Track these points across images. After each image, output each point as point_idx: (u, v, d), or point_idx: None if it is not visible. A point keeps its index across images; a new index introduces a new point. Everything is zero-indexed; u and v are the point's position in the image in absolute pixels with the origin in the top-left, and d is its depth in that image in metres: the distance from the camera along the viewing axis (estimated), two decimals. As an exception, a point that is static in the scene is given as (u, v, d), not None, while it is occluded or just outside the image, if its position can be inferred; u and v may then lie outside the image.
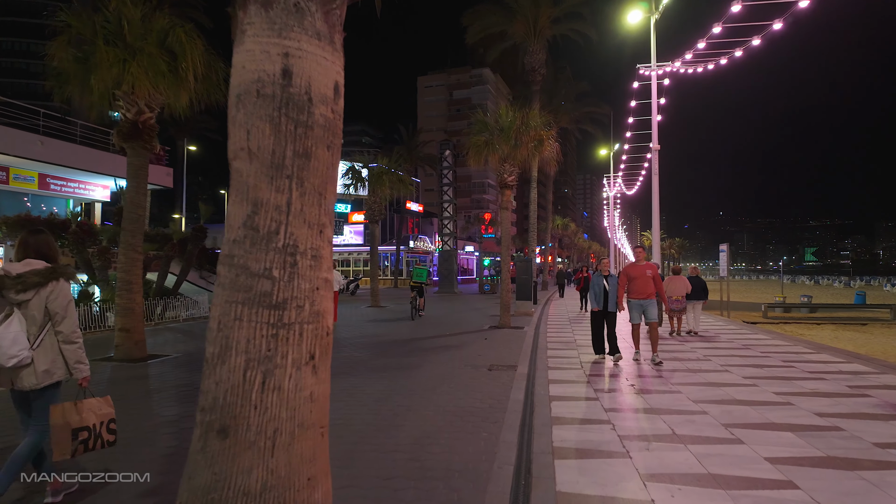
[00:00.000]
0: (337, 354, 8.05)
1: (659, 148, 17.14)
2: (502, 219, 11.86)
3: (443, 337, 10.18)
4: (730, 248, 18.24)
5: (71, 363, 2.84)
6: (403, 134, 38.02)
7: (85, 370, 2.89)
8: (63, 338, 2.81)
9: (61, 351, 2.82)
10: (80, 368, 2.87)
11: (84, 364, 2.89)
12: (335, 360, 7.37)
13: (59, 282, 2.80)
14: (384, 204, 17.99)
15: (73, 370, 2.85)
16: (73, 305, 2.88)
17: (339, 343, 9.32)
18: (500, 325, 11.66)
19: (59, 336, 2.81)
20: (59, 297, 2.79)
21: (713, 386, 5.90)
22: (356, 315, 14.88)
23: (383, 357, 7.88)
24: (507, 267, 12.02)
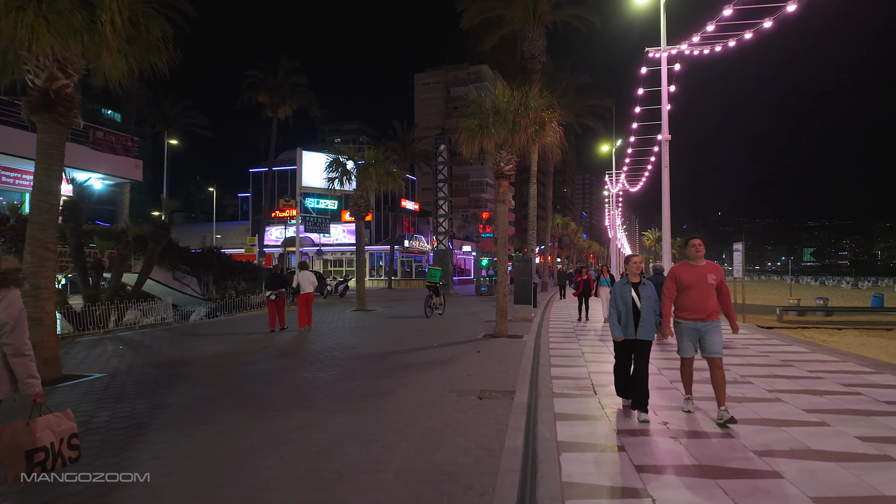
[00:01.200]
0: (295, 375, 6.64)
1: (669, 138, 15.79)
2: (499, 212, 10.47)
3: (429, 349, 8.77)
4: (745, 247, 16.88)
5: (21, 378, 2.74)
6: (397, 129, 36.61)
7: (37, 385, 2.79)
8: (12, 350, 2.70)
9: (8, 365, 2.72)
10: (32, 384, 2.76)
11: (35, 378, 2.78)
12: (288, 386, 5.97)
13: (10, 290, 2.73)
14: (371, 199, 16.58)
15: (24, 386, 2.75)
16: (24, 315, 2.78)
17: (303, 359, 7.91)
18: (495, 334, 10.27)
19: (6, 349, 2.69)
20: (11, 307, 2.70)
21: (772, 426, 4.50)
22: (337, 320, 13.47)
23: (351, 378, 6.48)
24: (504, 267, 10.63)
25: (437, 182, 26.52)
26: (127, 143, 16.02)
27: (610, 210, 40.01)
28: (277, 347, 9.04)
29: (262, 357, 8.02)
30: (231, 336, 10.70)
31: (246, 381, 6.27)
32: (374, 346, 9.04)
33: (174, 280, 17.92)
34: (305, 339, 10.16)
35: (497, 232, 10.70)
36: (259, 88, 38.92)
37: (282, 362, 7.59)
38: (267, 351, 8.64)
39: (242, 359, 7.87)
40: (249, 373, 6.81)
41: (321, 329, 11.63)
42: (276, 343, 9.61)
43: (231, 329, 12.30)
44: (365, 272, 16.64)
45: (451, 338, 10.13)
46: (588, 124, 30.40)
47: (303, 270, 12.55)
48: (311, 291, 12.49)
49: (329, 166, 16.29)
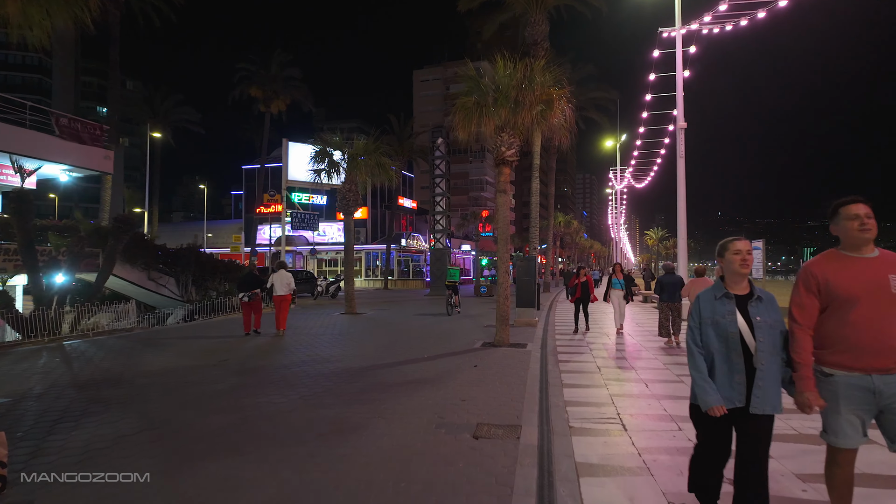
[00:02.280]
0: (247, 401, 5.35)
1: (685, 126, 14.51)
2: (499, 204, 9.17)
3: (417, 362, 7.48)
4: (766, 244, 15.60)
5: None
6: (394, 123, 35.28)
7: None
8: None
9: None
10: None
11: None
12: (233, 417, 4.67)
13: None
14: (361, 193, 15.28)
15: None
16: None
17: (264, 376, 6.61)
18: (495, 343, 8.97)
19: None
20: None
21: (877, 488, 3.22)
22: (320, 325, 12.17)
23: (316, 405, 5.18)
24: (505, 266, 9.33)
25: (434, 178, 25.24)
26: (95, 132, 14.72)
27: (614, 207, 38.70)
28: (240, 359, 7.75)
29: (216, 373, 6.73)
30: (196, 343, 9.41)
31: (182, 410, 4.98)
32: (353, 358, 7.74)
33: (149, 280, 16.63)
34: (276, 348, 8.87)
35: (497, 227, 9.41)
36: (251, 82, 37.60)
37: (237, 381, 6.30)
38: (226, 364, 7.35)
39: (192, 376, 6.57)
40: (192, 396, 5.52)
41: (298, 336, 10.33)
42: (240, 353, 8.32)
43: (202, 333, 11.05)
44: (353, 272, 15.34)
45: (444, 347, 8.84)
46: (592, 118, 29.05)
47: (279, 270, 11.32)
48: (285, 293, 11.27)
49: (314, 157, 14.98)
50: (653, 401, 5.39)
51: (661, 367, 7.17)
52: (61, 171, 14.42)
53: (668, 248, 77.07)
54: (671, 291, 9.59)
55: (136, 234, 16.38)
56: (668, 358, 7.89)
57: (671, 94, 16.71)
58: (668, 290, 9.64)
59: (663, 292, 9.64)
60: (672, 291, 9.58)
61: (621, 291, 11.13)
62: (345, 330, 11.27)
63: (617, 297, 11.18)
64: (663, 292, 9.64)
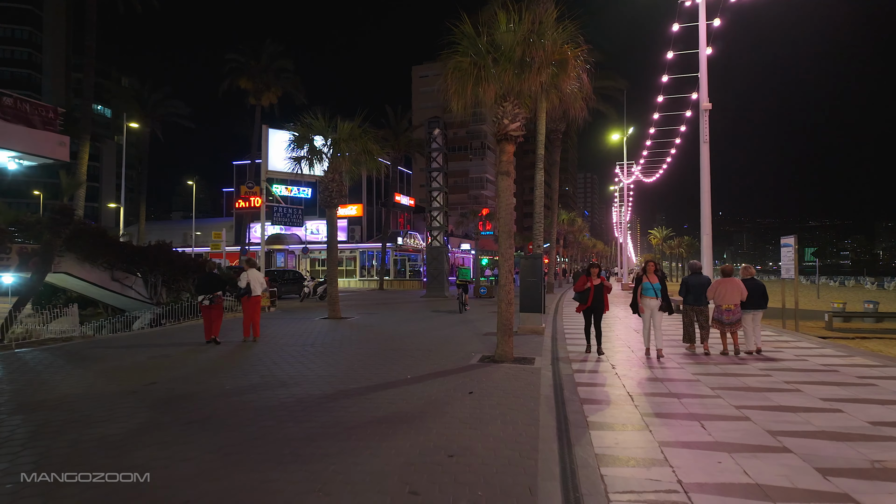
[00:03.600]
0: (138, 457, 3.72)
1: (710, 107, 12.89)
2: (501, 190, 7.54)
3: (397, 387, 5.86)
4: (797, 241, 13.97)
5: None
6: (391, 116, 33.61)
7: None
8: None
9: None
10: None
11: None
12: (74, 499, 3.05)
13: None
14: (348, 184, 13.65)
15: None
16: None
17: (183, 413, 4.96)
18: (496, 358, 7.36)
19: None
20: None
21: None
22: (292, 334, 10.55)
23: (234, 467, 3.55)
24: (508, 265, 7.68)
25: (430, 171, 23.63)
26: (48, 115, 13.11)
27: (622, 203, 37.03)
28: (174, 381, 6.13)
29: (128, 406, 5.11)
30: (137, 356, 7.79)
31: (36, 470, 3.37)
32: (318, 381, 6.13)
33: (113, 281, 15.02)
34: (230, 363, 7.26)
35: (500, 218, 7.78)
36: (241, 73, 35.99)
37: (146, 419, 4.68)
38: (151, 390, 5.73)
39: (95, 408, 4.96)
40: (62, 446, 3.90)
41: (262, 347, 8.71)
42: (180, 372, 6.70)
43: (156, 342, 9.55)
44: (337, 272, 13.72)
45: (435, 363, 7.22)
46: (599, 109, 27.35)
47: (251, 269, 9.88)
48: (260, 294, 9.86)
49: (293, 143, 13.35)
50: (723, 455, 3.77)
51: (709, 394, 5.56)
52: (8, 157, 12.81)
53: (672, 248, 75.39)
54: (698, 293, 8.26)
55: (95, 230, 14.80)
56: (711, 379, 6.27)
57: (690, 75, 15.13)
58: (694, 292, 8.29)
59: (689, 294, 8.34)
60: (699, 293, 8.25)
61: (657, 301, 7.84)
62: (320, 339, 9.64)
63: (651, 308, 7.87)
64: (689, 294, 8.34)
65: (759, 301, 8.19)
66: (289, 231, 38.86)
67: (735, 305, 7.91)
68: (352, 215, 39.93)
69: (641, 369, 6.93)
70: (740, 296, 7.89)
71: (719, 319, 8.03)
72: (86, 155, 23.92)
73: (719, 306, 8.01)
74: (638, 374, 6.59)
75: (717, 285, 8.08)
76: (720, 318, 8.01)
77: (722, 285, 8.00)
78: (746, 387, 5.90)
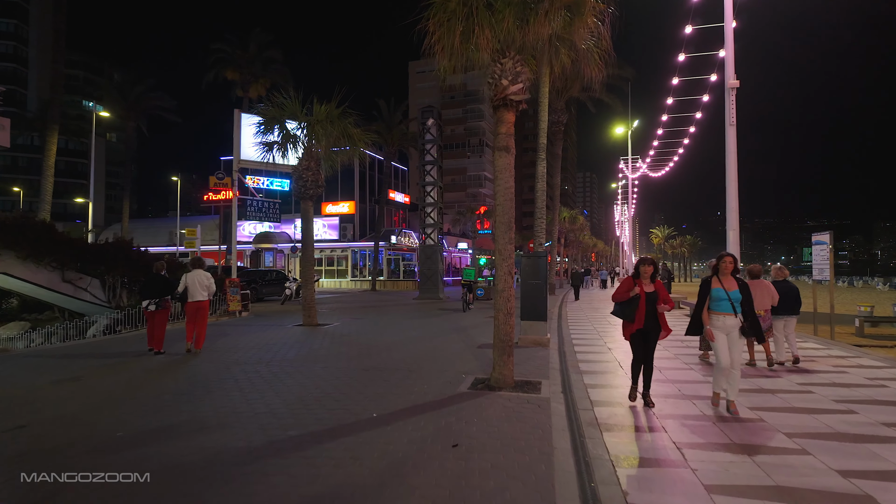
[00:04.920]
0: None
1: (737, 84, 11.33)
2: (498, 169, 5.93)
3: (353, 434, 4.27)
4: (833, 237, 12.44)
5: None
6: (383, 108, 31.96)
7: None
8: None
9: None
10: None
11: None
12: None
13: None
14: (322, 173, 12.03)
15: None
16: None
17: (16, 491, 3.37)
18: (492, 383, 5.77)
19: None
20: None
21: None
22: (251, 346, 8.94)
23: None
24: (506, 265, 6.07)
25: (424, 165, 22.02)
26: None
27: (625, 201, 35.45)
28: (46, 426, 4.53)
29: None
30: (41, 376, 6.20)
31: None
32: (248, 423, 4.53)
33: (64, 283, 13.40)
34: (147, 390, 5.65)
35: (497, 206, 6.18)
36: (227, 64, 34.37)
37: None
38: (9, 439, 4.13)
39: None
40: None
41: (204, 364, 7.10)
42: (68, 409, 5.09)
43: (95, 352, 8.13)
44: (313, 272, 12.11)
45: (414, 389, 5.63)
46: (603, 100, 25.84)
47: (195, 270, 8.50)
48: (203, 299, 8.34)
49: (262, 126, 11.74)
50: None
51: (792, 447, 3.97)
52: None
53: (674, 247, 73.87)
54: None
55: (40, 225, 13.20)
56: (754, 399, 4.69)
57: (709, 53, 13.58)
58: None
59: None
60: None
61: (736, 319, 4.80)
62: (281, 354, 8.04)
63: (727, 330, 4.82)
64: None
65: (794, 306, 7.27)
66: (278, 229, 37.24)
67: (765, 311, 6.97)
68: (343, 213, 38.31)
69: (681, 397, 5.33)
70: (771, 300, 6.94)
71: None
72: (53, 147, 22.29)
73: None
74: (679, 408, 5.00)
75: None
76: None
77: (751, 289, 6.72)
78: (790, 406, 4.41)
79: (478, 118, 72.54)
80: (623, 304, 5.06)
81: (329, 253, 35.94)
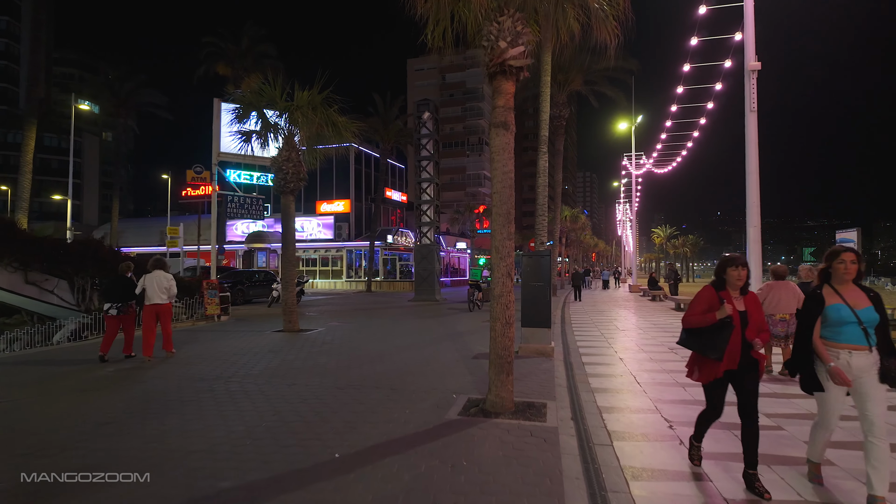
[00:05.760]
0: None
1: (759, 67, 10.35)
2: (495, 149, 4.95)
3: (301, 486, 3.28)
4: (860, 235, 11.43)
5: None
6: (379, 104, 30.92)
7: None
8: None
9: None
10: None
11: None
12: None
13: None
14: (304, 165, 11.03)
15: None
16: None
17: None
18: (487, 407, 4.79)
19: None
20: None
21: None
22: (225, 352, 7.94)
23: None
24: (506, 264, 5.07)
25: (419, 160, 21.03)
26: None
27: (627, 199, 34.44)
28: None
29: None
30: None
31: None
32: (169, 472, 3.53)
33: (27, 285, 12.41)
34: (67, 419, 4.64)
35: (494, 195, 5.19)
36: (218, 59, 33.38)
37: None
38: None
39: None
40: None
41: (153, 381, 6.11)
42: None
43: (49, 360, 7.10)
44: (293, 273, 11.11)
45: (392, 415, 4.65)
46: (605, 93, 24.84)
47: (155, 271, 7.71)
48: (163, 302, 7.63)
49: (237, 114, 10.76)
50: None
51: None
52: None
53: (676, 247, 72.90)
54: None
55: (0, 222, 12.19)
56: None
57: (725, 37, 12.60)
58: None
59: None
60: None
61: (871, 355, 2.95)
62: (247, 368, 7.04)
63: (859, 373, 2.95)
64: None
65: None
66: (271, 228, 36.22)
67: (790, 315, 6.45)
68: (339, 211, 37.30)
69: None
70: (797, 303, 6.39)
71: (770, 331, 6.45)
72: (31, 142, 21.34)
73: (772, 315, 6.54)
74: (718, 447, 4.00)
75: (767, 290, 6.64)
76: (771, 331, 6.49)
77: (774, 291, 6.58)
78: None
79: (477, 116, 71.58)
80: (702, 333, 3.25)
81: (324, 253, 34.96)
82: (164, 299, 7.59)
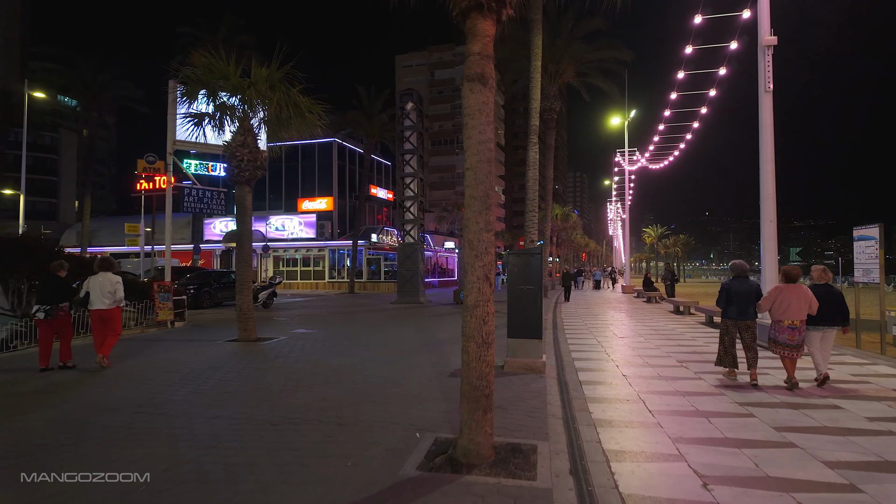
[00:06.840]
0: None
1: (775, 42, 9.26)
2: (469, 109, 3.74)
3: None
4: (882, 231, 10.36)
5: None
6: (363, 96, 29.62)
7: None
8: None
9: None
10: None
11: None
12: None
13: None
14: (262, 151, 9.73)
15: None
16: None
17: None
18: (457, 456, 3.56)
19: None
20: None
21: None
22: (161, 368, 6.63)
23: None
24: (484, 262, 3.85)
25: (402, 154, 19.79)
26: None
27: (620, 198, 33.47)
28: None
29: None
30: None
31: None
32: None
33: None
34: None
35: (466, 172, 3.94)
36: (194, 48, 31.70)
37: None
38: None
39: None
40: None
41: (27, 420, 4.80)
42: None
43: None
44: (249, 275, 9.81)
45: (327, 471, 3.40)
46: (598, 85, 23.76)
47: (101, 272, 7.13)
48: (106, 308, 6.95)
49: (184, 94, 9.45)
50: None
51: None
52: None
53: (667, 247, 72.34)
54: (743, 305, 6.17)
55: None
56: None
57: (732, 14, 11.51)
58: (739, 302, 6.18)
59: (731, 305, 6.22)
60: (745, 304, 6.17)
61: None
62: (167, 392, 5.74)
63: None
64: (731, 305, 6.22)
65: (835, 315, 6.02)
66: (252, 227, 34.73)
67: (801, 321, 5.89)
68: (321, 209, 35.88)
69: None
70: (808, 308, 5.88)
71: (777, 339, 5.96)
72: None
73: (779, 322, 5.94)
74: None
75: (776, 294, 6.02)
76: (778, 338, 5.95)
77: (785, 294, 5.94)
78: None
79: (466, 114, 70.41)
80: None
81: (305, 252, 33.50)
82: (107, 304, 6.86)
